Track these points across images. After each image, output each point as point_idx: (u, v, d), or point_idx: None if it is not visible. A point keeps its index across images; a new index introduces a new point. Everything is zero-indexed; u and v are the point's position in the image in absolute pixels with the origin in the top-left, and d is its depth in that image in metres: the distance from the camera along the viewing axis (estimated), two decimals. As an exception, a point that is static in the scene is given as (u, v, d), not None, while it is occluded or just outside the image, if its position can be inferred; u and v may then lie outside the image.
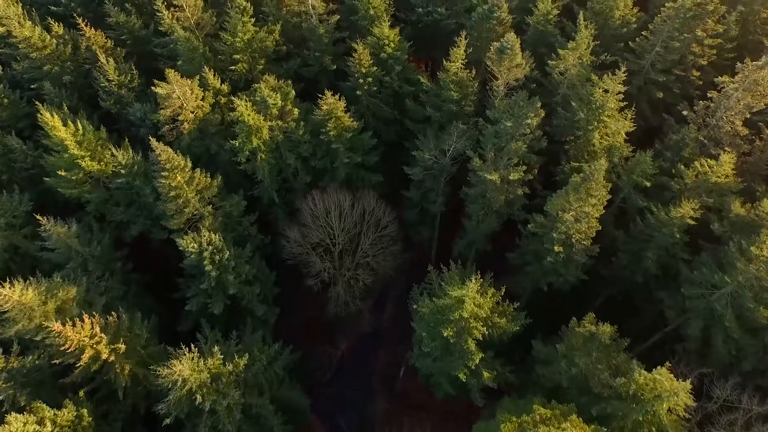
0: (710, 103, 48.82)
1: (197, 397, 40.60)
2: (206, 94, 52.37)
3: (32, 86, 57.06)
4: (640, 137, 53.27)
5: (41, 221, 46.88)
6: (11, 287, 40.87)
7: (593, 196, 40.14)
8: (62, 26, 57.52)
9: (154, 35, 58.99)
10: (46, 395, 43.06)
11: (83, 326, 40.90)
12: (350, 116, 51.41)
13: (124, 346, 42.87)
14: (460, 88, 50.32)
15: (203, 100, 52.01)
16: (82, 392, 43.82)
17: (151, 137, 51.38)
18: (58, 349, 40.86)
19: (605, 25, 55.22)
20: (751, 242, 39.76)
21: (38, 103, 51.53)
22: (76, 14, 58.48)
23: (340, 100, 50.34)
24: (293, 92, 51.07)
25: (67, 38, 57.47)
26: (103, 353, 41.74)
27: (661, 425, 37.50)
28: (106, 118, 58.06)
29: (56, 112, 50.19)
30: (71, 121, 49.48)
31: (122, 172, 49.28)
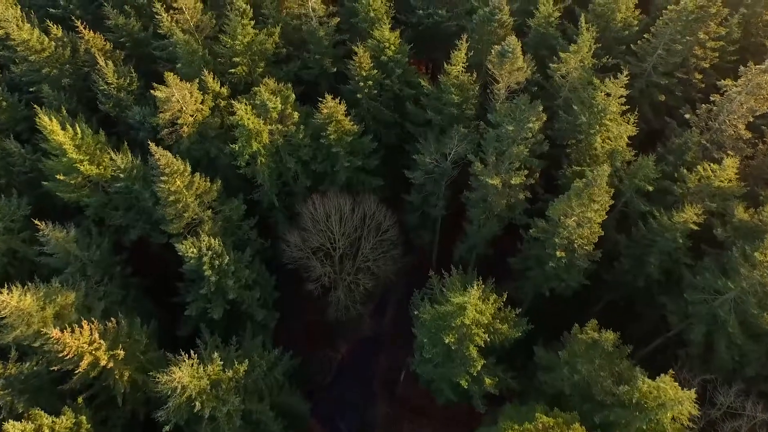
0: (713, 106, 48.53)
1: (196, 404, 40.28)
2: (206, 97, 52.05)
3: (31, 89, 56.80)
4: (641, 140, 53.02)
5: (39, 226, 46.52)
6: (9, 293, 40.51)
7: (596, 201, 39.82)
8: (61, 29, 57.19)
9: (153, 38, 58.65)
10: (44, 402, 42.73)
11: (82, 332, 40.56)
12: (351, 120, 51.11)
13: (123, 352, 42.53)
14: (461, 91, 50.00)
15: (203, 103, 51.69)
16: (80, 399, 43.54)
17: (150, 141, 51.20)
18: (56, 355, 40.53)
19: (607, 27, 54.90)
20: (755, 248, 39.45)
21: (37, 106, 51.26)
22: (74, 17, 58.14)
23: (340, 103, 50.05)
24: (293, 96, 50.75)
25: (65, 41, 57.15)
26: (102, 359, 41.39)
27: (664, 434, 37.22)
28: (105, 121, 57.80)
29: (55, 115, 49.94)
30: (70, 124, 49.15)
31: (121, 176, 48.99)
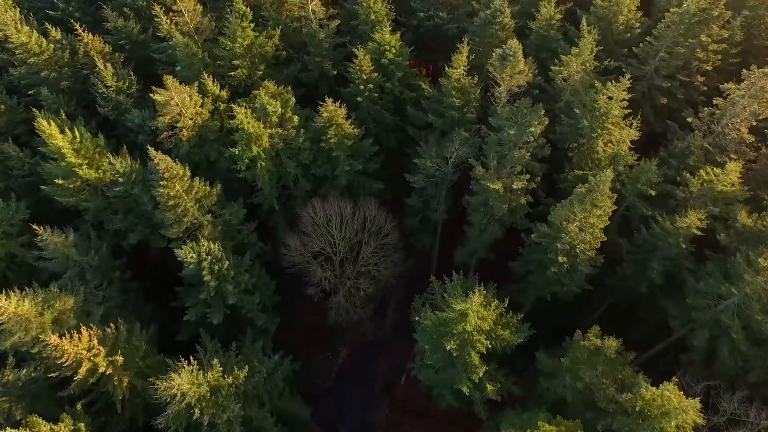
0: (715, 109, 48.19)
1: (196, 411, 39.98)
2: (205, 100, 51.74)
3: (30, 92, 56.46)
4: (643, 143, 52.67)
5: (38, 231, 46.22)
6: (7, 299, 40.20)
7: (599, 206, 39.51)
8: (60, 31, 56.92)
9: (152, 40, 58.37)
10: (42, 408, 42.45)
11: (80, 338, 40.25)
12: (351, 123, 50.80)
13: (122, 358, 42.23)
14: (462, 94, 49.67)
15: (202, 106, 51.38)
16: (79, 405, 43.16)
17: (149, 146, 50.95)
18: (54, 361, 40.21)
19: (608, 30, 54.57)
20: (758, 253, 39.18)
21: (35, 110, 50.96)
22: (73, 19, 57.90)
23: (340, 106, 49.74)
24: (293, 99, 50.42)
25: (64, 43, 56.83)
26: (100, 366, 41.07)
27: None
28: (104, 123, 57.49)
29: (53, 119, 49.59)
30: (68, 128, 48.78)
31: (120, 180, 48.64)
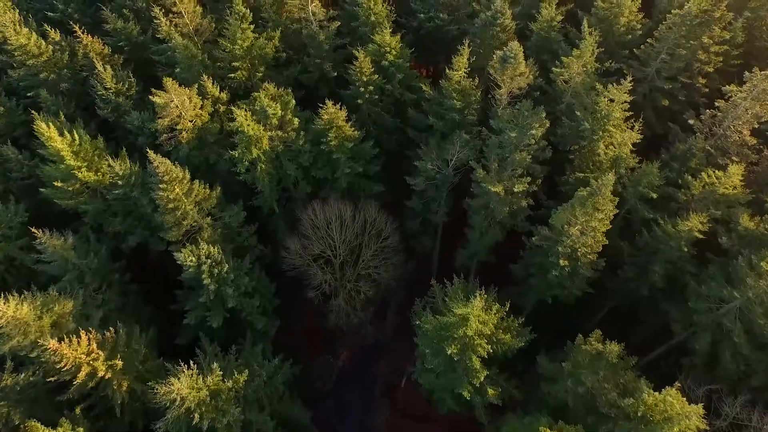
0: (717, 112, 48.01)
1: (195, 416, 39.73)
2: (205, 102, 51.53)
3: (29, 94, 56.35)
4: (644, 145, 52.39)
5: (36, 234, 46.00)
6: (6, 302, 39.98)
7: (600, 210, 39.30)
8: (59, 33, 56.71)
9: (152, 42, 58.21)
10: (41, 412, 42.21)
11: (79, 343, 40.03)
12: (351, 125, 50.58)
13: (121, 362, 42.03)
14: (462, 96, 49.44)
15: (202, 108, 51.17)
16: (78, 409, 42.98)
17: (149, 148, 50.75)
18: (53, 366, 39.97)
19: (610, 31, 54.38)
20: (761, 257, 38.97)
21: (34, 112, 50.76)
22: (73, 21, 57.71)
23: (341, 108, 49.53)
24: (293, 101, 50.21)
25: (63, 45, 56.65)
26: (99, 370, 40.88)
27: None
28: (103, 125, 57.32)
29: (52, 121, 49.50)
30: (67, 130, 48.62)
31: (119, 183, 48.43)
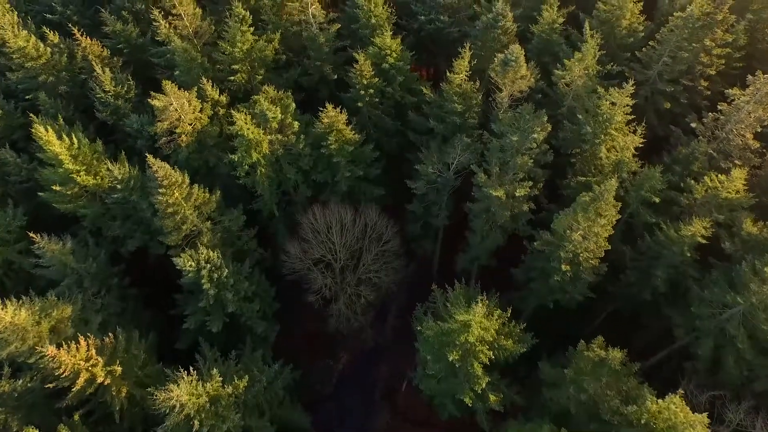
0: (720, 115, 47.73)
1: (195, 422, 39.42)
2: (204, 105, 51.24)
3: (27, 97, 56.01)
4: (646, 148, 52.04)
5: (34, 239, 45.71)
6: (3, 308, 39.67)
7: (603, 216, 39.02)
8: (58, 35, 56.40)
9: (151, 44, 57.90)
10: (39, 419, 41.97)
11: (78, 349, 39.67)
12: (351, 129, 50.28)
13: (120, 368, 41.69)
14: (463, 99, 49.15)
15: (201, 111, 50.88)
16: (77, 415, 42.59)
17: (148, 150, 50.57)
18: (52, 372, 39.63)
19: (611, 33, 54.08)
20: (764, 262, 38.74)
21: (33, 115, 50.53)
22: (71, 23, 57.40)
23: (341, 111, 49.23)
24: (293, 105, 49.91)
25: (62, 47, 56.37)
26: (98, 376, 40.53)
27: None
28: (102, 128, 57.06)
29: (51, 124, 49.25)
30: (66, 134, 48.42)
31: (118, 186, 48.13)
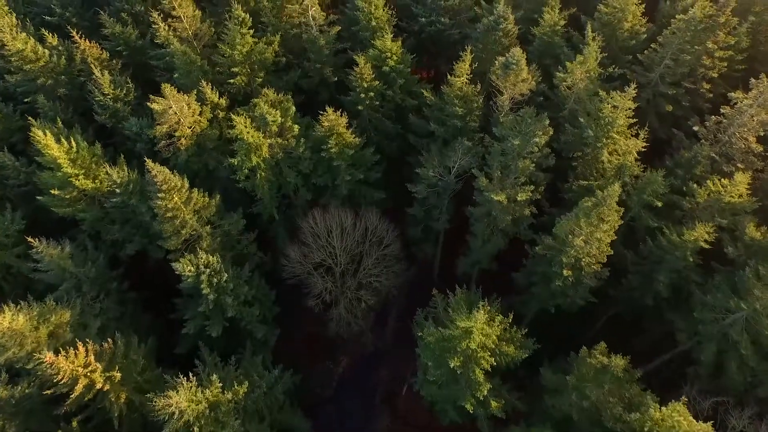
0: (722, 119, 47.48)
1: (194, 429, 39.17)
2: (204, 108, 50.92)
3: (26, 99, 55.74)
4: (648, 151, 51.81)
5: (33, 243, 45.41)
6: (1, 313, 39.44)
7: (605, 221, 38.73)
8: (56, 37, 56.10)
9: (150, 46, 57.60)
10: (36, 425, 41.80)
11: (77, 355, 39.37)
12: (352, 132, 50.00)
13: (119, 374, 41.40)
14: (464, 103, 48.87)
15: (201, 114, 50.57)
16: (75, 422, 42.38)
17: (147, 154, 50.24)
18: (50, 378, 39.30)
19: (613, 36, 53.81)
20: (768, 267, 38.51)
21: (31, 119, 50.14)
22: (71, 25, 57.14)
23: (341, 115, 48.95)
24: (293, 108, 49.60)
25: (61, 49, 56.06)
26: (97, 382, 40.26)
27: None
28: (101, 131, 56.76)
29: (49, 128, 49.00)
30: (65, 137, 48.12)
31: (117, 190, 47.82)
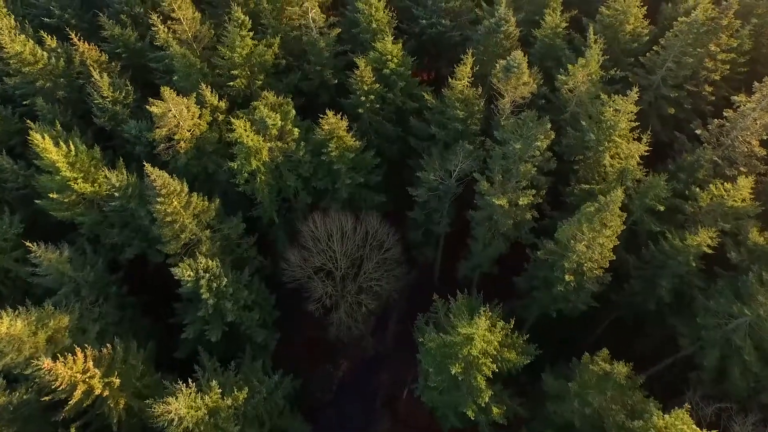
0: (725, 122, 47.14)
1: (194, 436, 39.02)
2: (203, 111, 50.63)
3: (25, 102, 55.43)
4: (649, 154, 51.59)
5: (31, 248, 45.16)
6: (-1, 319, 39.27)
7: (608, 227, 38.44)
8: (55, 39, 55.79)
9: (150, 49, 57.28)
10: (35, 431, 41.46)
11: (75, 361, 39.11)
12: (352, 135, 49.70)
13: (118, 380, 41.16)
14: (465, 106, 48.55)
15: (200, 117, 50.28)
16: (73, 428, 42.09)
17: (147, 156, 50.01)
18: (48, 384, 39.03)
19: (615, 38, 53.45)
20: (771, 273, 38.21)
21: (30, 122, 49.88)
22: (69, 27, 56.82)
23: (342, 118, 48.65)
24: (293, 111, 49.32)
25: (60, 51, 55.72)
26: (96, 388, 40.03)
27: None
28: (100, 133, 56.51)
29: (48, 131, 48.78)
30: (63, 140, 47.85)
31: (116, 194, 47.55)
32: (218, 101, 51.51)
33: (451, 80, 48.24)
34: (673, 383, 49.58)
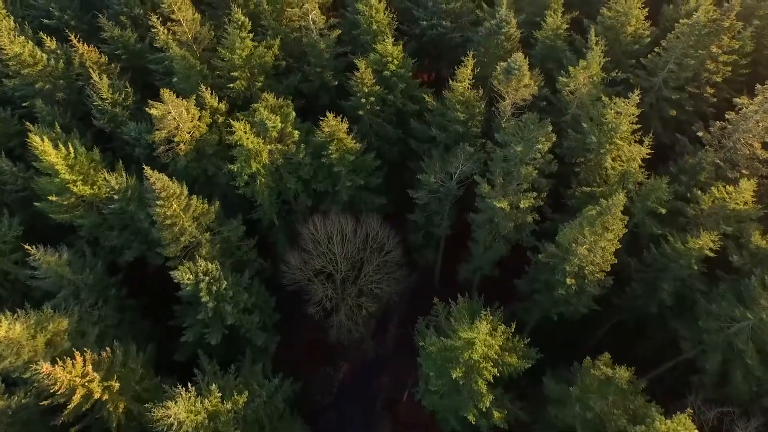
0: (727, 124, 47.00)
1: (193, 440, 38.84)
2: (203, 113, 50.48)
3: (24, 104, 55.27)
4: (651, 156, 51.43)
5: (30, 251, 44.99)
6: (-3, 322, 39.08)
7: (610, 230, 38.26)
8: (55, 41, 55.62)
9: (149, 50, 57.13)
10: (34, 435, 41.38)
11: (74, 365, 38.94)
12: (352, 137, 49.55)
13: (117, 383, 40.98)
14: (466, 108, 48.37)
15: (200, 119, 50.12)
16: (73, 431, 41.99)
17: (146, 157, 49.85)
18: (47, 388, 38.86)
19: (616, 40, 53.28)
20: (774, 276, 38.04)
21: (29, 123, 49.72)
22: (69, 28, 56.64)
23: (342, 120, 48.50)
24: (293, 113, 49.19)
25: (59, 53, 55.56)
26: (95, 392, 39.86)
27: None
28: (100, 135, 56.33)
29: (47, 133, 48.61)
30: (62, 143, 47.70)
31: (115, 197, 47.39)
32: (218, 103, 51.37)
33: (451, 82, 48.10)
34: (674, 386, 49.44)
